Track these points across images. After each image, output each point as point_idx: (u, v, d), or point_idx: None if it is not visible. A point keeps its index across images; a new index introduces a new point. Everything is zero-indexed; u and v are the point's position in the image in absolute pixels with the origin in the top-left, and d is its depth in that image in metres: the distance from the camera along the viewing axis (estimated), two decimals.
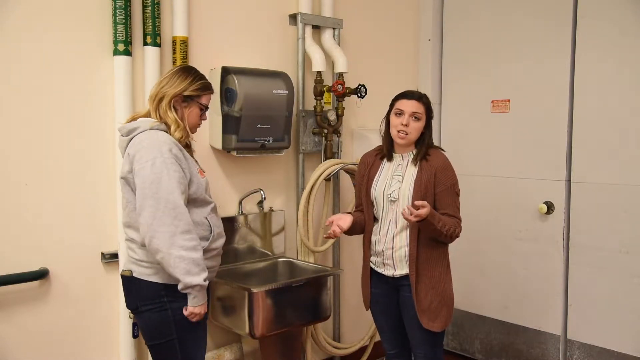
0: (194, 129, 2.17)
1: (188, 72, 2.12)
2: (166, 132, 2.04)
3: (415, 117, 2.32)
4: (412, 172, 2.34)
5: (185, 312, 2.00)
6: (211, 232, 2.08)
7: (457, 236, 2.31)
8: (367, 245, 2.46)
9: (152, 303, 2.03)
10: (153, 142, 1.97)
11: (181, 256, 1.91)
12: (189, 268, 1.92)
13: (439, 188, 2.30)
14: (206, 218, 2.08)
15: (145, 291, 2.03)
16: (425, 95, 2.41)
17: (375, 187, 2.40)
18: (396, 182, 2.35)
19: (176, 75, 2.09)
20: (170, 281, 2.00)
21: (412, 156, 2.37)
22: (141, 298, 2.05)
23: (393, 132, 2.36)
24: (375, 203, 2.41)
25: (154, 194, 1.91)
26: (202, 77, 2.14)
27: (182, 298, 2.00)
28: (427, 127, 2.38)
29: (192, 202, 2.03)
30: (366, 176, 2.45)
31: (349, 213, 2.45)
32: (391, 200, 2.34)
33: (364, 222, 2.43)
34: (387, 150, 2.42)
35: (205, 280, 1.97)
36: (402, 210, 2.22)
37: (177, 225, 1.91)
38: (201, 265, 1.96)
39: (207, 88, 2.14)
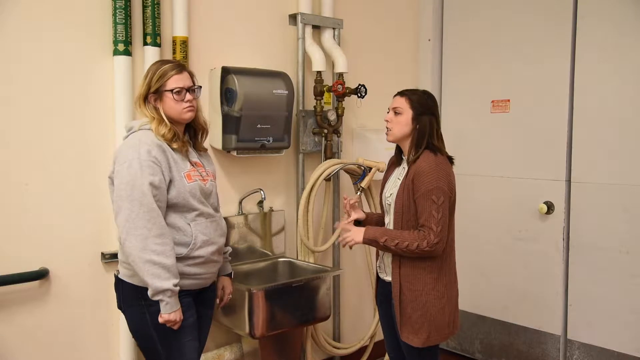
0: (181, 116, 2.04)
1: (149, 69, 2.06)
2: (153, 131, 2.02)
3: (396, 112, 2.26)
4: (404, 175, 2.26)
5: (160, 320, 1.94)
6: (192, 239, 2.01)
7: (423, 250, 2.11)
8: None
9: (132, 305, 2.02)
10: (134, 143, 1.96)
11: (151, 260, 1.87)
12: (158, 273, 1.87)
13: (415, 194, 2.15)
14: (189, 224, 2.02)
15: (126, 292, 2.03)
16: (417, 91, 2.30)
17: (384, 190, 2.38)
18: (395, 186, 2.30)
19: (143, 78, 2.06)
20: (146, 285, 1.96)
21: (409, 159, 2.27)
22: (123, 299, 2.06)
23: None
24: (382, 206, 2.41)
25: (128, 196, 1.89)
26: (162, 64, 2.04)
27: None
28: (420, 125, 2.22)
29: (172, 206, 1.98)
30: (384, 178, 2.43)
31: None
32: (388, 204, 2.32)
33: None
34: (396, 153, 2.38)
35: (175, 286, 1.91)
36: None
37: (150, 229, 1.88)
38: (172, 271, 1.91)
39: (167, 72, 2.01)
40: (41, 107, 2.31)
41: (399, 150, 2.37)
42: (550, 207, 3.20)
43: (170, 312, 1.92)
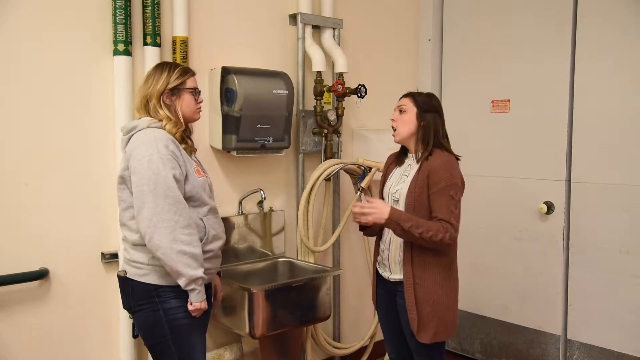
0: (194, 115, 2.13)
1: (162, 66, 2.09)
2: (163, 129, 2.02)
3: (401, 110, 2.31)
4: (413, 172, 2.30)
5: (190, 308, 1.98)
6: (205, 234, 2.05)
7: (445, 242, 2.16)
8: (376, 243, 2.47)
9: (144, 304, 2.02)
10: (149, 139, 1.96)
11: (182, 251, 1.90)
12: (189, 262, 1.91)
13: (431, 190, 2.20)
14: (201, 219, 2.05)
15: (138, 292, 2.03)
16: (422, 92, 2.36)
17: (385, 186, 2.41)
18: (402, 181, 2.33)
19: (152, 76, 2.07)
20: (162, 282, 1.99)
21: (418, 156, 2.32)
22: (134, 298, 2.05)
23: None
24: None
25: (152, 190, 1.90)
26: (177, 65, 2.11)
27: (174, 299, 1.99)
28: (425, 122, 2.28)
29: (186, 200, 2.01)
30: (383, 176, 2.46)
31: None
32: (394, 199, 2.32)
33: None
34: (401, 152, 2.41)
35: (203, 273, 1.97)
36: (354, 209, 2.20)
37: (176, 221, 1.91)
38: (200, 260, 1.96)
39: (186, 71, 2.10)
40: (41, 107, 2.31)
41: (403, 149, 2.40)
42: (550, 207, 3.20)
43: (200, 301, 1.98)
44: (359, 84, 3.08)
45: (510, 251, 3.42)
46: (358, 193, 3.07)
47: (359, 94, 3.08)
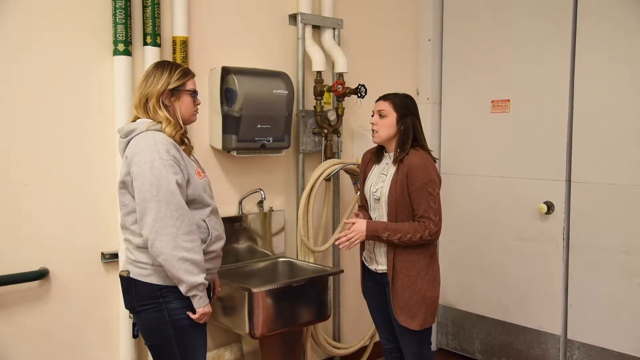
0: (191, 117, 2.12)
1: (163, 66, 2.07)
2: (162, 132, 2.02)
3: (381, 115, 2.40)
4: (392, 172, 2.39)
5: (195, 316, 2.00)
6: (208, 235, 2.06)
7: (425, 239, 2.29)
8: None
9: (148, 304, 2.02)
10: (150, 143, 1.95)
11: (183, 257, 1.91)
12: (190, 269, 1.92)
13: (410, 188, 2.31)
14: (204, 220, 2.06)
15: (142, 292, 2.03)
16: (398, 94, 2.43)
17: (366, 184, 2.50)
18: (381, 180, 2.42)
19: (152, 74, 2.05)
20: (166, 282, 1.99)
21: (394, 156, 2.41)
22: (138, 298, 2.05)
23: None
24: (366, 199, 2.51)
25: (154, 197, 1.90)
26: (178, 65, 2.10)
27: (178, 299, 1.99)
28: (404, 126, 2.37)
29: (189, 203, 2.01)
30: (362, 173, 2.56)
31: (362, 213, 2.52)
32: (375, 198, 2.42)
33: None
34: (378, 150, 2.51)
35: (205, 279, 1.98)
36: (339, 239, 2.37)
37: (178, 227, 1.91)
38: (201, 266, 1.97)
39: (187, 73, 2.08)
40: (41, 107, 2.31)
41: (380, 148, 2.50)
42: (550, 207, 3.20)
43: (204, 306, 2.00)
44: (359, 84, 3.08)
45: (510, 251, 3.42)
46: (358, 193, 3.07)
47: (359, 94, 3.08)
